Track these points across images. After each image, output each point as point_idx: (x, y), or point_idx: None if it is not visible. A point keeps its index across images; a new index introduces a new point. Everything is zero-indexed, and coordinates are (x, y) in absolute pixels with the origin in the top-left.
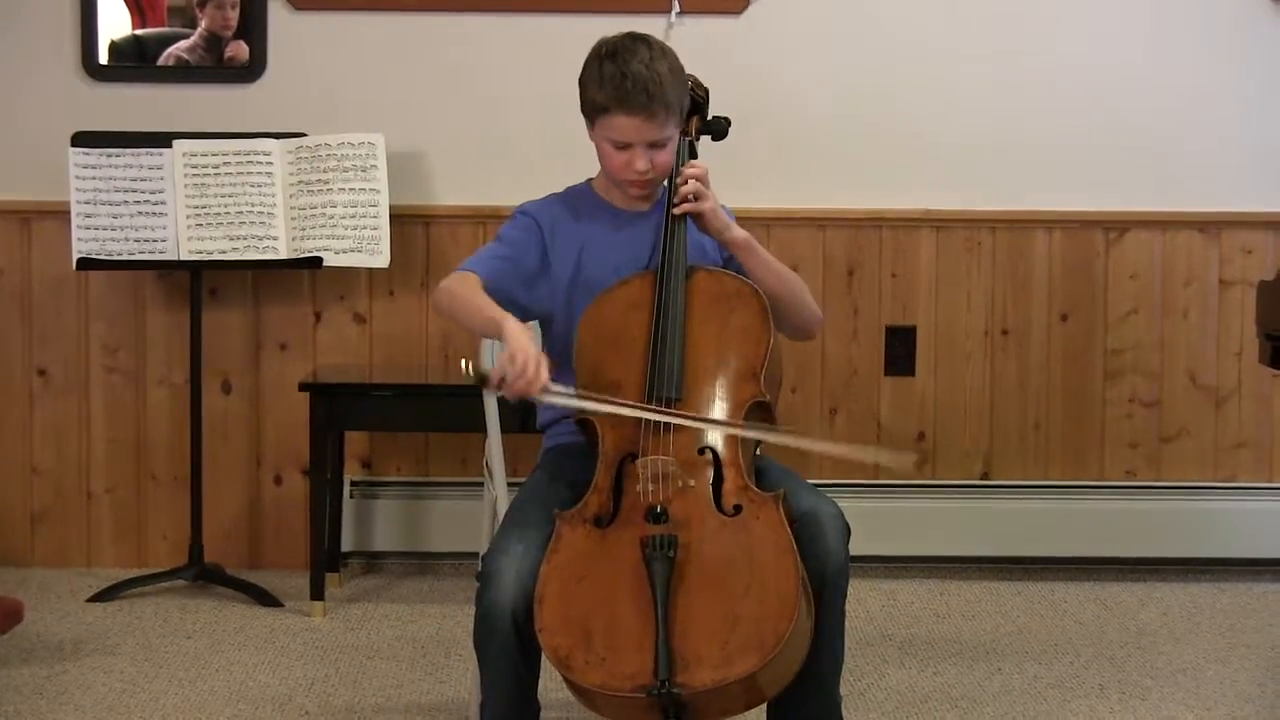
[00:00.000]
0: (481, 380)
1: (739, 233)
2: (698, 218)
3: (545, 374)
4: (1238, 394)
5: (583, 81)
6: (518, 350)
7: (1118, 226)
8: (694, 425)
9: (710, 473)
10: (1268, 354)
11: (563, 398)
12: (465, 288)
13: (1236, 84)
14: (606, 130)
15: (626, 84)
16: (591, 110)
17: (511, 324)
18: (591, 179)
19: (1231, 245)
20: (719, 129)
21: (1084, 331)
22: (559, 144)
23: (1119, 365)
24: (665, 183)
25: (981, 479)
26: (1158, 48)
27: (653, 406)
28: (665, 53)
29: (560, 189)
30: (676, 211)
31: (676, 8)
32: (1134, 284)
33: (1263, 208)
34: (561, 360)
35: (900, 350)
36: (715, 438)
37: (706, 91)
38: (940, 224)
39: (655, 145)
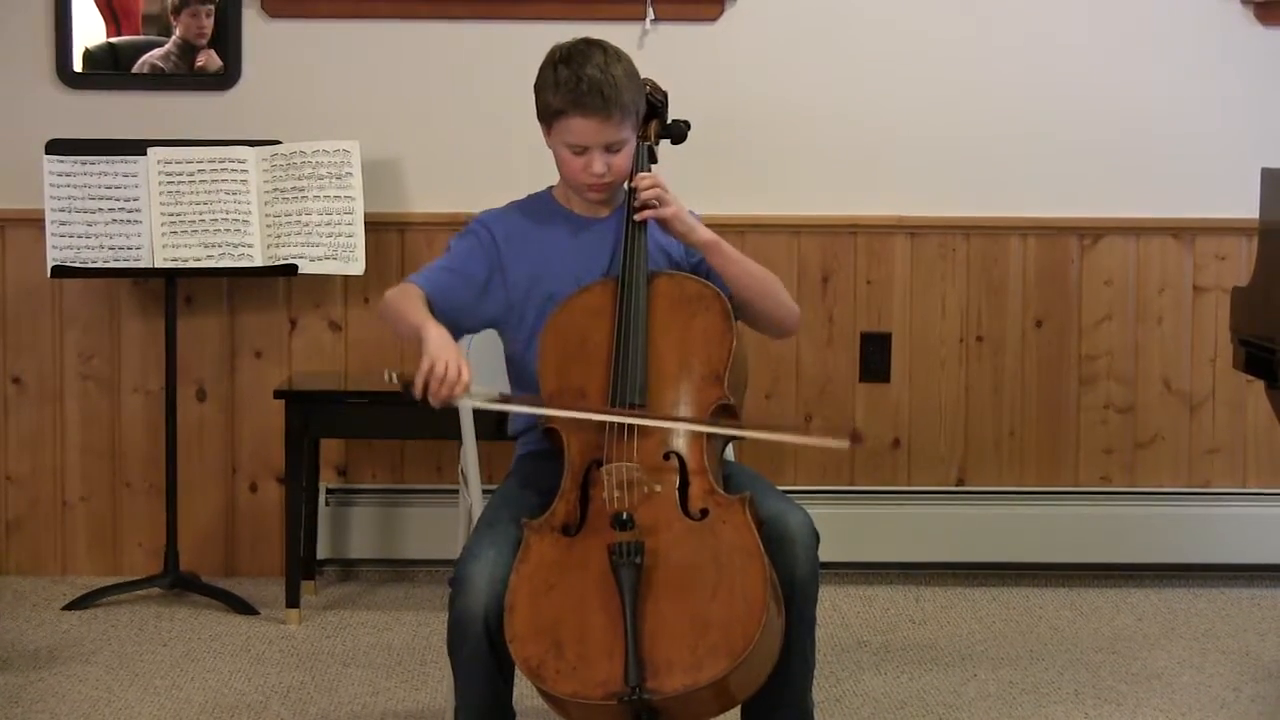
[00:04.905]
0: (405, 387)
1: (705, 234)
2: (662, 223)
3: (466, 377)
4: (1212, 400)
5: (538, 87)
6: (437, 356)
7: (1092, 233)
8: (645, 425)
9: (676, 477)
10: (1242, 359)
11: (486, 401)
12: (402, 297)
13: (1210, 91)
14: (563, 134)
15: (582, 87)
16: (547, 115)
17: (431, 330)
18: (552, 186)
19: (1205, 251)
20: (678, 133)
21: (1058, 338)
22: (533, 150)
23: (1093, 371)
24: (625, 187)
25: (956, 485)
26: (1132, 53)
27: (587, 407)
28: (620, 57)
29: (521, 198)
30: (638, 219)
31: (651, 14)
32: (1108, 290)
33: (1236, 214)
34: (521, 367)
35: (875, 357)
36: (680, 442)
37: (665, 95)
38: (914, 230)
39: (612, 148)
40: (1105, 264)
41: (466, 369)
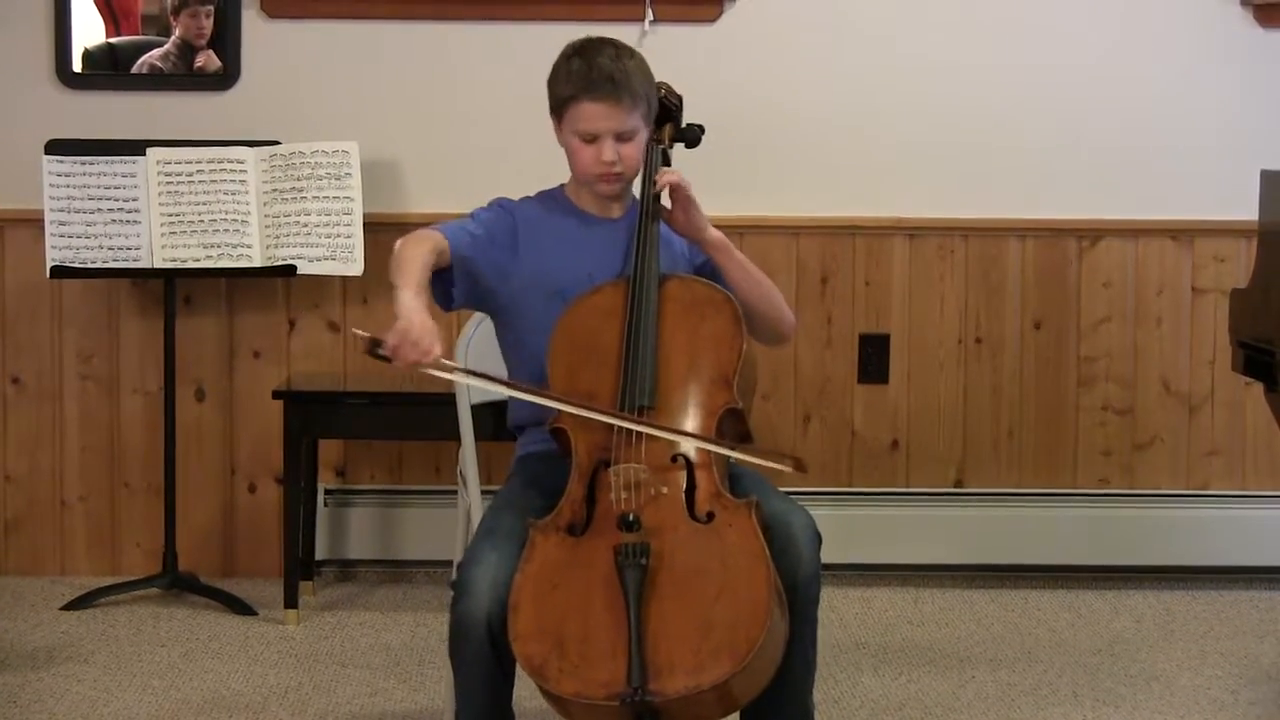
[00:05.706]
0: (374, 346)
1: (715, 233)
2: (682, 207)
3: (438, 347)
4: (1210, 402)
5: (550, 81)
6: (411, 321)
7: (1090, 234)
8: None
9: (683, 479)
10: (1241, 362)
11: (457, 373)
12: (418, 243)
13: (1209, 92)
14: (574, 121)
15: (593, 74)
16: (558, 104)
17: (407, 294)
18: (563, 184)
19: (1204, 253)
20: (693, 137)
21: (1057, 339)
22: (533, 151)
23: (1092, 373)
24: (636, 190)
25: (955, 487)
26: (1131, 56)
27: (531, 388)
28: (632, 54)
29: (533, 194)
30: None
31: (650, 15)
32: (1107, 292)
33: (1235, 215)
34: (518, 357)
35: (874, 358)
36: (688, 445)
37: (680, 99)
38: (913, 232)
39: (622, 137)
40: (1104, 265)
41: (438, 339)
